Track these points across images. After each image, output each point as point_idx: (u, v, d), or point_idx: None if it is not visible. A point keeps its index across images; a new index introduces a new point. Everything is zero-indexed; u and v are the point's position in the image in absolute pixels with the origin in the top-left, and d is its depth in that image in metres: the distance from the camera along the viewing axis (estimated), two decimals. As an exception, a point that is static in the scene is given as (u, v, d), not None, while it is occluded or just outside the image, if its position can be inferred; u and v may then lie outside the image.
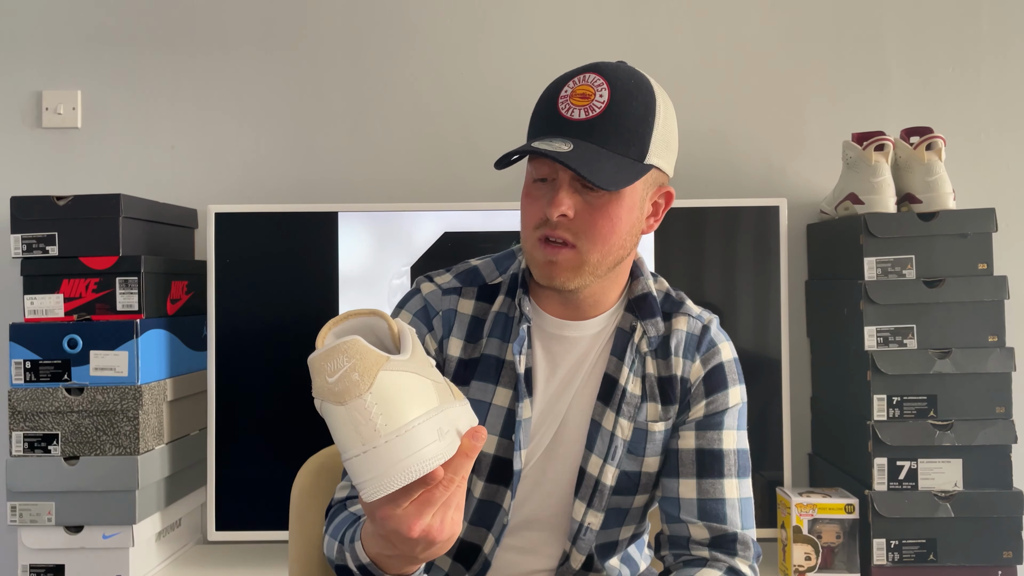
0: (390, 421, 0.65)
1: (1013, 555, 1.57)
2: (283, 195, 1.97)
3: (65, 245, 1.61)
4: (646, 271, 1.08)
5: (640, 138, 0.94)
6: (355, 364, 0.65)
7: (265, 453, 1.75)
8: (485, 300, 1.06)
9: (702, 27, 1.97)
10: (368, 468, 0.65)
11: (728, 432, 1.04)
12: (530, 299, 1.06)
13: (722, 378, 1.05)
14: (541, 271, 0.98)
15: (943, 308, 1.59)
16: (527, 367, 1.03)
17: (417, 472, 0.66)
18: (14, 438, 1.58)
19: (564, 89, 0.95)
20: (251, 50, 1.99)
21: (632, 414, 1.03)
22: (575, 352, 1.05)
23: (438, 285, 1.08)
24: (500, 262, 1.10)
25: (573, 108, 0.93)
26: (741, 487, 1.04)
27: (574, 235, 0.95)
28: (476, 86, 1.98)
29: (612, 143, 0.92)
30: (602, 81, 0.94)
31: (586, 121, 0.92)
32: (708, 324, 1.07)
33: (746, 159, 1.96)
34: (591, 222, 0.95)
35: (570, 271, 0.97)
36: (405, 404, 0.66)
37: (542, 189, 0.97)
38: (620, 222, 0.96)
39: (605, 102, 0.93)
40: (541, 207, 0.96)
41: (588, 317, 1.05)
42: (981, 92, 1.95)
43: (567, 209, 0.94)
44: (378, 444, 0.65)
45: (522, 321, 1.03)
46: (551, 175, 0.96)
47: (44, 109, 1.97)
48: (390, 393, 0.66)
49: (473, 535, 1.04)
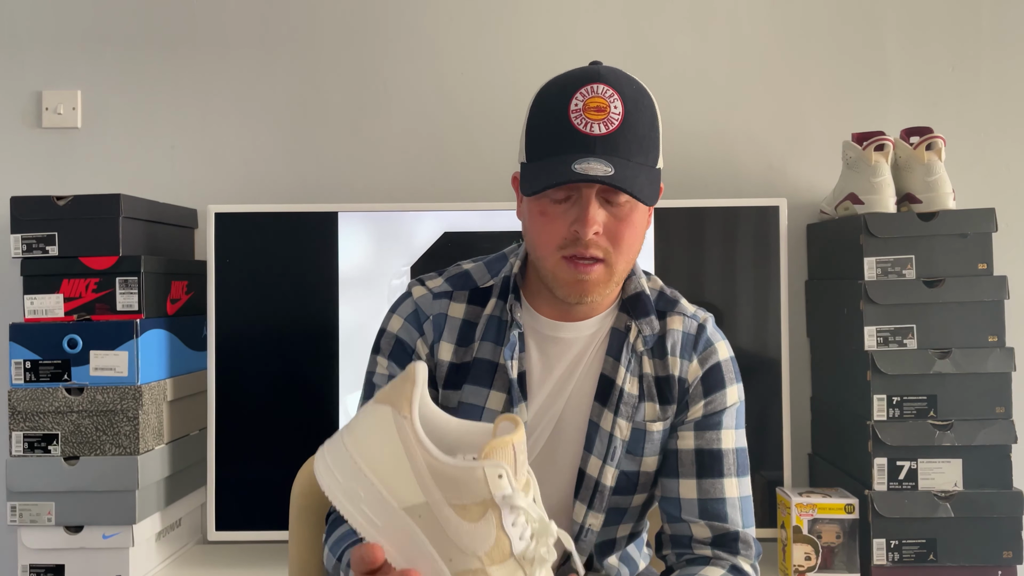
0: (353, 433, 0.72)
1: (1013, 555, 1.57)
2: (283, 195, 1.97)
3: (65, 245, 1.61)
4: (639, 270, 1.08)
5: (654, 144, 0.96)
6: (397, 383, 0.73)
7: (265, 453, 1.75)
8: (477, 303, 1.06)
9: (702, 27, 1.97)
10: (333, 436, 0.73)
11: (727, 431, 1.04)
12: (523, 301, 1.06)
13: (720, 377, 1.05)
14: (570, 290, 0.98)
15: (943, 308, 1.59)
16: (522, 370, 1.03)
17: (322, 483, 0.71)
18: (14, 438, 1.58)
19: (573, 102, 0.93)
20: (251, 50, 1.99)
21: (630, 414, 1.03)
22: (570, 353, 1.05)
23: (429, 289, 1.08)
24: (492, 265, 1.10)
25: (591, 123, 0.92)
26: (741, 486, 1.04)
27: (603, 250, 0.96)
28: (476, 86, 1.98)
29: (635, 154, 0.93)
30: (612, 92, 0.93)
31: (608, 136, 0.92)
32: (704, 323, 1.07)
33: (746, 159, 1.96)
34: (620, 235, 0.96)
35: (600, 286, 0.98)
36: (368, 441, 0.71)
37: (561, 208, 0.96)
38: (641, 228, 0.99)
39: (621, 114, 0.93)
40: (564, 226, 0.95)
41: (583, 318, 1.05)
42: (981, 92, 1.95)
43: (599, 226, 0.94)
44: (343, 430, 0.73)
45: (513, 327, 1.03)
46: (571, 193, 0.95)
47: (44, 109, 1.97)
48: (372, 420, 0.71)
49: None
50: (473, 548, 0.68)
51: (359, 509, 0.69)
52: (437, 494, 0.68)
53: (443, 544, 0.68)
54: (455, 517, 0.68)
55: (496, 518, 0.68)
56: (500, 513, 0.68)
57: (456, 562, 0.68)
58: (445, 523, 0.68)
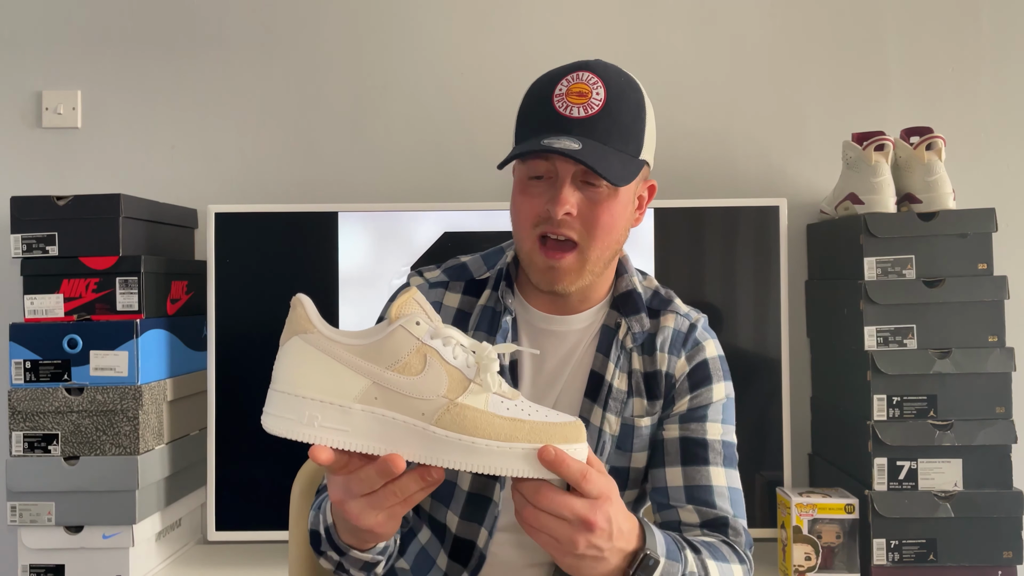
0: (277, 378, 0.74)
1: (1013, 555, 1.57)
2: (283, 195, 1.97)
3: (65, 245, 1.61)
4: (631, 268, 1.10)
5: (636, 134, 0.96)
6: (289, 318, 0.75)
7: (265, 453, 1.75)
8: (471, 294, 1.08)
9: (702, 27, 1.97)
10: (266, 399, 0.74)
11: (712, 424, 1.04)
12: (516, 293, 1.07)
13: (706, 374, 1.06)
14: (542, 276, 0.99)
15: (943, 308, 1.59)
16: (513, 359, 1.04)
17: (276, 431, 0.73)
18: (14, 438, 1.58)
19: (558, 87, 0.95)
20: (251, 50, 1.99)
21: (619, 409, 1.04)
22: (562, 347, 1.06)
23: (426, 279, 1.10)
24: (489, 258, 1.11)
25: (571, 106, 0.94)
26: (728, 476, 1.03)
27: (577, 232, 0.96)
28: (476, 86, 1.98)
29: (613, 140, 0.94)
30: (596, 79, 0.95)
31: (587, 119, 0.93)
32: (695, 323, 1.08)
33: (746, 159, 1.96)
34: (594, 218, 0.96)
35: (572, 274, 0.98)
36: (291, 372, 0.73)
37: (540, 187, 0.98)
38: (619, 217, 0.98)
39: (602, 99, 0.94)
40: (540, 204, 0.97)
41: (575, 312, 1.06)
42: (981, 92, 1.95)
43: (572, 207, 0.95)
44: (271, 388, 0.74)
45: (505, 314, 1.04)
46: (549, 173, 0.97)
47: (44, 109, 1.97)
48: (286, 357, 0.74)
49: (466, 530, 1.04)
50: (434, 393, 0.72)
51: (322, 428, 0.72)
52: (375, 369, 0.72)
53: (407, 406, 0.72)
54: (402, 378, 0.72)
55: (436, 359, 0.73)
56: (437, 352, 0.73)
57: (428, 413, 0.72)
58: (397, 387, 0.72)
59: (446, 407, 0.72)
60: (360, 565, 0.91)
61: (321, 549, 0.92)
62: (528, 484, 0.76)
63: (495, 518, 1.03)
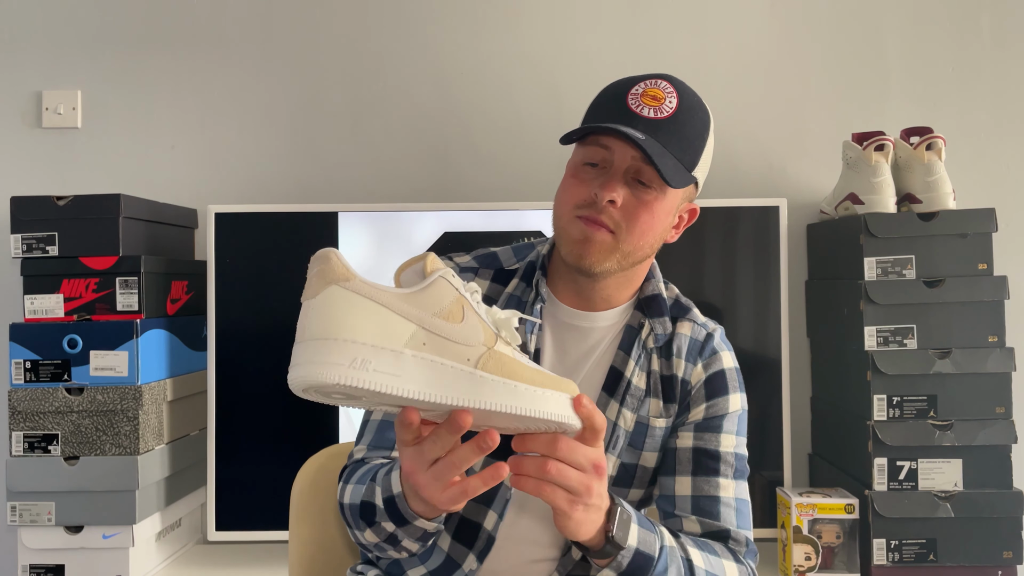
0: (311, 328, 0.70)
1: (1013, 555, 1.57)
2: (283, 195, 1.97)
3: (65, 245, 1.61)
4: (659, 276, 1.12)
5: (695, 150, 1.00)
6: (320, 270, 0.73)
7: (265, 453, 1.75)
8: (499, 283, 1.10)
9: (702, 27, 1.97)
10: (294, 354, 0.71)
11: (727, 435, 1.06)
12: (546, 286, 1.09)
13: (723, 383, 1.07)
14: (573, 248, 1.00)
15: (943, 308, 1.59)
16: (537, 347, 1.05)
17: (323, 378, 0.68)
18: (14, 438, 1.58)
19: (634, 88, 1.00)
20: (251, 50, 1.99)
21: (636, 406, 1.05)
22: (585, 343, 1.07)
23: (456, 263, 1.12)
24: (519, 251, 1.14)
25: (644, 106, 0.98)
26: (738, 488, 1.05)
27: (615, 223, 0.98)
28: (476, 86, 1.98)
29: (673, 146, 0.97)
30: (672, 90, 1.00)
31: (655, 120, 0.97)
32: (712, 332, 1.10)
33: (746, 159, 1.96)
34: (635, 215, 0.98)
35: (602, 252, 0.99)
36: (335, 319, 0.70)
37: (591, 173, 1.00)
38: (658, 222, 1.01)
39: (674, 108, 0.98)
40: (589, 189, 0.99)
41: (600, 310, 1.07)
42: (981, 92, 1.95)
43: (618, 196, 0.97)
44: (301, 340, 0.71)
45: (536, 301, 1.06)
46: (605, 162, 0.99)
47: (44, 109, 1.97)
48: (324, 307, 0.71)
49: (473, 512, 1.03)
50: (476, 339, 0.74)
51: (375, 372, 0.70)
52: (424, 314, 0.72)
53: (454, 352, 0.73)
54: (446, 324, 0.73)
55: (471, 310, 0.75)
56: (471, 304, 0.75)
57: (472, 359, 0.73)
58: (443, 332, 0.73)
59: (488, 354, 0.74)
60: (419, 534, 0.90)
61: (375, 520, 0.91)
62: (543, 437, 0.78)
63: (506, 501, 1.03)
